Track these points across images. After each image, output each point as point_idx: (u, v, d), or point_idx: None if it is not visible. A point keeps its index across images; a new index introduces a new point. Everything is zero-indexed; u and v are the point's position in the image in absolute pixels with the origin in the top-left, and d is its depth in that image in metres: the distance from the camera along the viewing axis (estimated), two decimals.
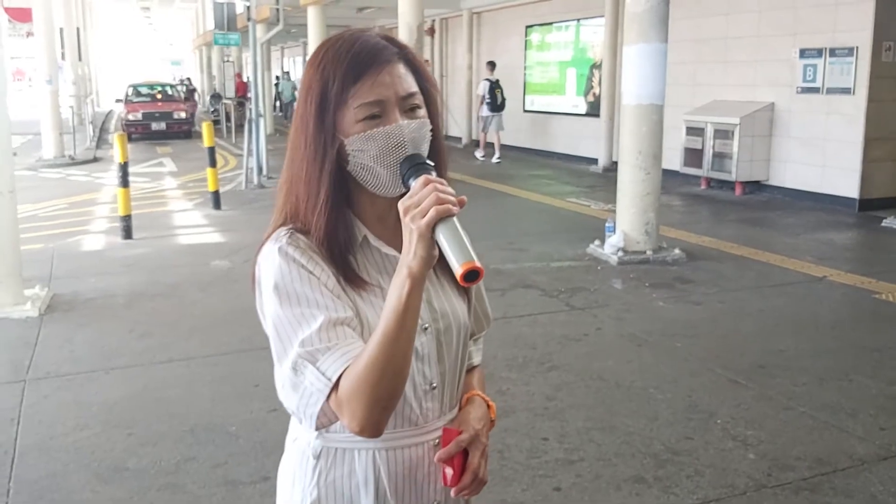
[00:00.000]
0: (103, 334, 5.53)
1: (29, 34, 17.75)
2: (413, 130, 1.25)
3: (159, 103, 22.48)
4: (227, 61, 27.60)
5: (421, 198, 1.12)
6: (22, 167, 14.28)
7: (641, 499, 3.37)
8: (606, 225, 7.84)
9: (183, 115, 21.87)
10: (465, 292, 1.42)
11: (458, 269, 1.13)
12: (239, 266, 7.42)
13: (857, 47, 9.87)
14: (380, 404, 1.17)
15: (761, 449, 3.81)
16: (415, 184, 1.17)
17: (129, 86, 24.45)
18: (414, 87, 1.28)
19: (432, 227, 1.12)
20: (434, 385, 1.35)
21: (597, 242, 7.77)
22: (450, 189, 1.15)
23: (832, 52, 10.23)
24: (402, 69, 1.27)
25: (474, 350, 1.57)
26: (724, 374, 4.72)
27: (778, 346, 5.21)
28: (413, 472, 1.35)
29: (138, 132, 21.09)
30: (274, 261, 1.25)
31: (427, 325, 1.33)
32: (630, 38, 7.62)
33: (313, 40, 18.57)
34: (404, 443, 1.33)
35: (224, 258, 7.74)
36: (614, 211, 8.06)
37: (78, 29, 26.53)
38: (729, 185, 11.49)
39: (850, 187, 10.11)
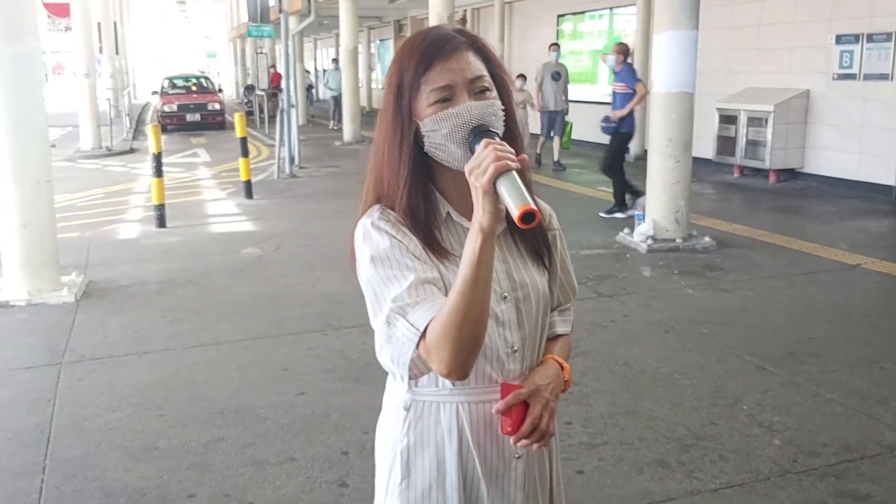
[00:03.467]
0: (136, 320, 5.64)
1: (67, 28, 18.03)
2: (480, 109, 1.37)
3: (194, 95, 22.89)
4: (261, 53, 27.81)
5: (482, 158, 1.24)
6: (61, 158, 14.56)
7: (664, 483, 3.37)
8: (636, 213, 7.80)
9: (217, 106, 22.21)
10: (545, 266, 1.53)
11: (515, 213, 1.21)
12: (269, 254, 7.52)
13: (894, 32, 9.67)
14: (464, 348, 1.28)
15: (787, 435, 3.78)
16: (477, 147, 1.29)
17: (165, 78, 25.01)
18: (481, 72, 1.39)
19: (493, 182, 1.23)
20: (515, 349, 1.46)
21: (626, 230, 7.74)
22: (508, 147, 1.26)
23: (869, 38, 10.05)
24: (470, 56, 1.39)
25: (559, 320, 1.63)
26: (751, 361, 4.69)
27: (808, 333, 5.16)
28: (493, 425, 1.45)
29: (173, 123, 21.48)
30: (368, 232, 1.40)
31: (507, 294, 1.44)
32: (660, 25, 7.56)
33: (345, 31, 18.65)
34: (485, 398, 1.44)
35: (255, 246, 7.84)
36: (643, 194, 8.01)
37: (115, 23, 26.88)
38: (762, 173, 11.36)
39: (887, 175, 9.94)
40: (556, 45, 13.53)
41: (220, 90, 27.26)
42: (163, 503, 3.30)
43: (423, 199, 1.42)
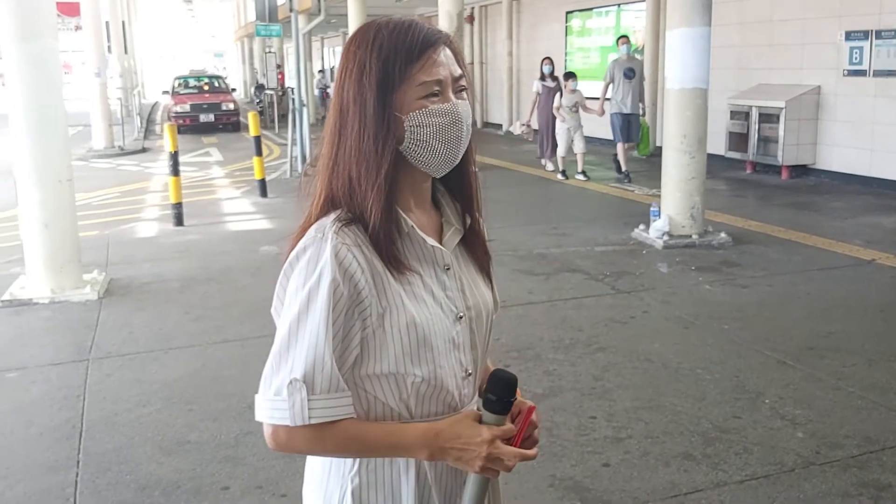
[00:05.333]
0: (160, 317, 5.71)
1: (77, 28, 18.13)
2: (465, 109, 1.33)
3: (207, 95, 22.10)
4: (269, 52, 27.85)
5: (481, 451, 1.26)
6: (74, 157, 14.58)
7: (690, 475, 3.42)
8: (651, 209, 7.84)
9: (231, 106, 21.49)
10: (490, 278, 1.48)
11: None
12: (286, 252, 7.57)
13: None
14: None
15: (810, 428, 3.83)
16: (489, 417, 1.30)
17: (176, 77, 24.10)
18: (461, 71, 1.34)
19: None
20: (469, 372, 1.39)
21: (641, 227, 7.77)
22: (508, 451, 1.29)
23: (878, 35, 10.06)
24: (449, 52, 1.33)
25: None
26: (772, 356, 4.73)
27: (827, 328, 5.20)
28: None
29: (186, 124, 20.46)
30: (318, 260, 1.26)
31: (462, 315, 1.37)
32: (673, 21, 7.60)
33: (353, 30, 18.67)
34: None
35: (272, 244, 7.88)
36: (659, 195, 8.06)
37: (123, 22, 27.00)
38: (775, 169, 11.37)
39: None
40: (625, 38, 11.67)
41: (234, 90, 26.59)
42: (197, 495, 3.36)
43: (392, 204, 1.31)
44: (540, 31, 18.45)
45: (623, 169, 11.23)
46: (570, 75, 11.61)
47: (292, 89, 14.19)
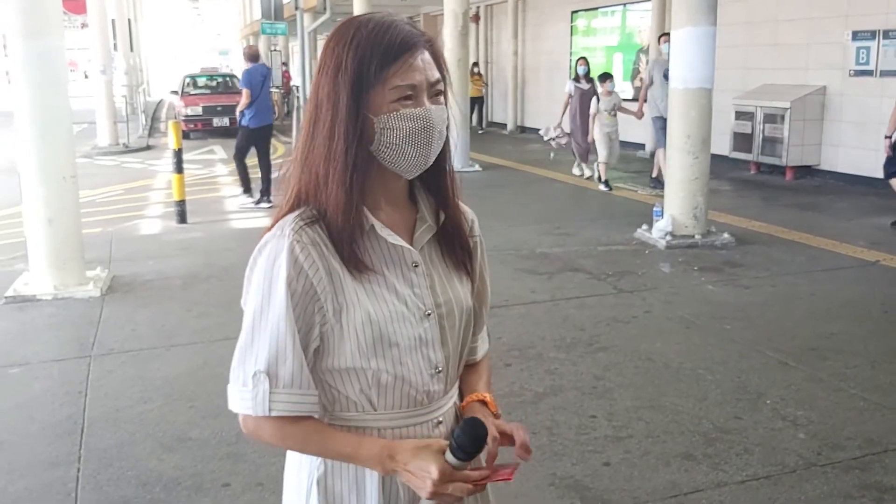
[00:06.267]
0: (162, 313, 5.72)
1: (84, 25, 18.16)
2: (439, 115, 1.33)
3: (221, 96, 19.55)
4: (274, 50, 27.89)
5: (426, 486, 1.27)
6: (78, 155, 14.55)
7: (690, 475, 3.42)
8: (654, 209, 7.83)
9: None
10: (467, 274, 1.48)
11: None
12: None
13: None
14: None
15: (811, 429, 3.82)
16: (453, 459, 1.29)
17: (186, 76, 21.99)
18: (439, 75, 1.34)
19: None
20: (439, 369, 1.40)
21: (644, 227, 7.76)
22: (457, 487, 1.28)
23: (886, 34, 10.03)
24: (428, 57, 1.33)
25: (480, 343, 1.58)
26: (774, 357, 4.72)
27: (829, 329, 5.19)
28: None
29: (198, 129, 18.49)
30: (275, 256, 1.30)
31: (430, 312, 1.38)
32: (678, 21, 7.59)
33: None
34: (409, 422, 1.39)
35: None
36: (662, 196, 8.04)
37: (129, 20, 27.05)
38: (779, 169, 11.35)
39: None
40: (667, 36, 10.14)
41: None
42: (198, 492, 3.36)
43: (358, 204, 1.32)
44: (545, 30, 18.43)
45: (654, 174, 10.63)
46: (606, 76, 10.89)
47: (297, 87, 14.21)
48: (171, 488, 3.39)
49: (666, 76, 9.79)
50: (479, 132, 19.23)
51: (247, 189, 10.08)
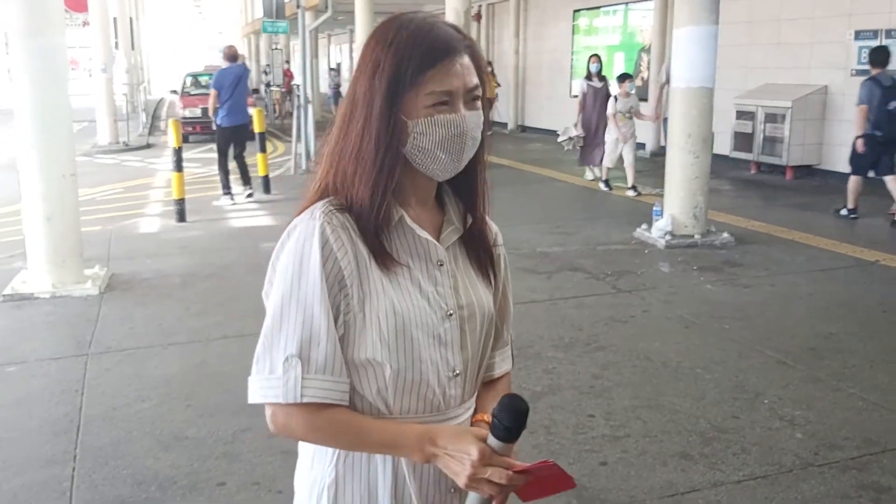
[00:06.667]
0: (160, 312, 5.71)
1: (85, 24, 18.15)
2: (474, 121, 1.32)
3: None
4: (276, 49, 27.88)
5: (465, 468, 1.22)
6: (78, 153, 14.54)
7: (687, 474, 3.41)
8: (654, 209, 7.82)
9: (251, 110, 17.49)
10: (490, 282, 1.46)
11: None
12: None
13: None
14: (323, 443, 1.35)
15: (809, 428, 3.81)
16: (494, 442, 1.23)
17: (187, 75, 20.78)
18: (477, 81, 1.32)
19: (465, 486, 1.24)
20: (457, 372, 1.37)
21: (644, 226, 7.75)
22: (496, 472, 1.21)
23: (888, 34, 10.00)
24: (468, 61, 1.31)
25: (498, 359, 1.52)
26: (772, 356, 4.71)
27: (828, 329, 5.18)
28: None
29: (197, 132, 17.00)
30: (305, 237, 1.28)
31: (452, 312, 1.36)
32: (680, 20, 7.58)
33: (360, 27, 18.65)
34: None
35: (274, 241, 7.84)
36: (662, 195, 8.03)
37: (131, 18, 27.05)
38: (780, 169, 11.33)
39: None
40: None
41: (256, 91, 22.88)
42: (193, 491, 3.36)
43: (387, 201, 1.31)
44: (547, 29, 18.41)
45: None
46: (625, 77, 10.43)
47: (297, 86, 14.20)
48: (166, 487, 3.38)
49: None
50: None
51: (226, 190, 10.12)
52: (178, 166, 8.79)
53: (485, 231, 1.45)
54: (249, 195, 10.18)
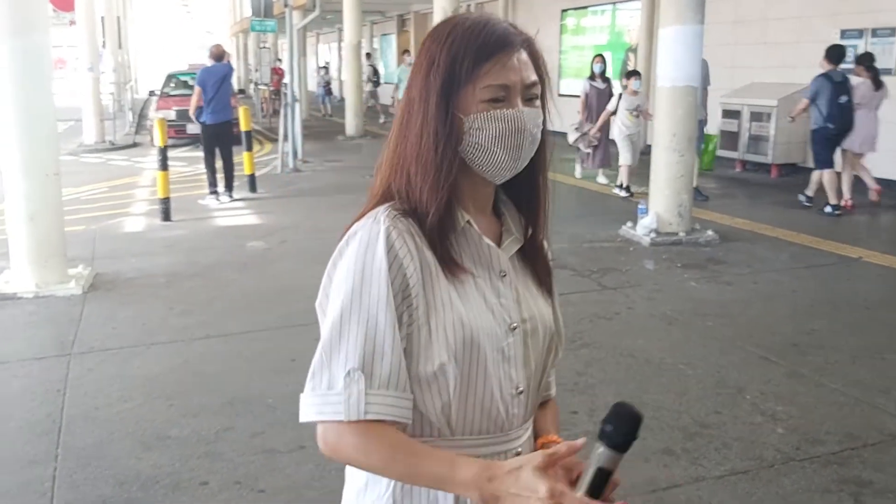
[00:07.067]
0: (144, 311, 5.69)
1: (72, 23, 18.05)
2: (532, 119, 1.26)
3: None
4: (264, 48, 27.83)
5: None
6: (64, 152, 14.54)
7: (670, 470, 3.42)
8: (639, 207, 7.84)
9: (237, 109, 15.22)
10: (550, 296, 1.39)
11: None
12: (275, 247, 7.57)
13: None
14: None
15: (790, 424, 3.83)
16: (547, 483, 1.08)
17: (168, 75, 19.84)
18: (536, 77, 1.28)
19: None
20: (521, 389, 1.29)
21: (629, 224, 7.77)
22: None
23: (874, 33, 10.07)
24: (525, 57, 1.27)
25: (552, 380, 1.48)
26: (755, 352, 4.73)
27: (811, 325, 5.21)
28: None
29: (170, 136, 15.49)
30: (369, 243, 1.21)
31: (515, 325, 1.28)
32: (666, 20, 7.60)
33: (348, 26, 18.67)
34: (489, 450, 1.27)
35: (260, 239, 7.88)
36: (647, 193, 8.06)
37: (118, 17, 26.92)
38: (765, 167, 11.38)
39: (890, 169, 9.95)
40: None
41: (242, 91, 21.25)
42: (175, 491, 3.34)
43: (450, 203, 1.26)
44: (535, 28, 18.38)
45: (694, 184, 8.97)
46: (633, 73, 10.18)
47: (285, 84, 14.17)
48: (148, 487, 3.37)
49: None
50: None
51: (212, 189, 10.13)
52: (164, 165, 8.75)
53: (543, 243, 1.39)
54: (226, 199, 10.10)
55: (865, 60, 8.97)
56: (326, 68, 28.88)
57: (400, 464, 1.17)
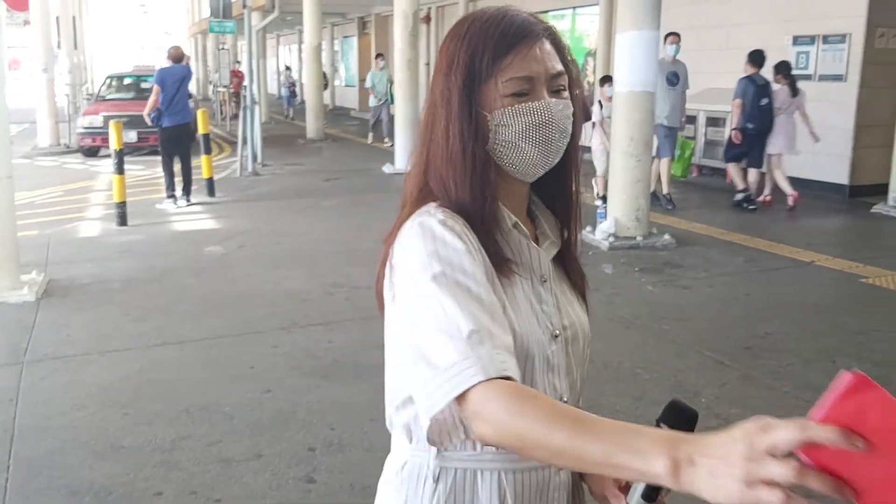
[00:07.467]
0: (99, 318, 5.60)
1: (26, 23, 17.70)
2: (560, 110, 1.20)
3: (139, 103, 13.29)
4: (223, 49, 27.56)
5: (760, 468, 0.78)
6: (18, 155, 14.27)
7: None
8: (598, 211, 7.92)
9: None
10: (585, 302, 1.33)
11: None
12: (233, 252, 7.50)
13: (849, 34, 9.93)
14: (516, 445, 0.98)
15: None
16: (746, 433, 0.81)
17: (108, 76, 18.32)
18: (561, 67, 1.22)
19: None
20: (565, 399, 1.22)
21: (588, 228, 7.84)
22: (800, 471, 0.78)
23: (825, 39, 10.29)
24: (549, 47, 1.21)
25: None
26: (710, 356, 4.81)
27: (765, 328, 5.30)
28: (541, 496, 1.22)
29: (94, 145, 14.66)
30: (431, 230, 1.12)
31: (558, 333, 1.23)
32: (623, 25, 7.69)
33: (308, 27, 18.58)
34: (531, 465, 1.19)
35: (218, 244, 7.81)
36: (605, 198, 8.14)
37: (74, 18, 26.46)
38: (721, 172, 11.54)
39: (840, 174, 10.19)
40: (675, 36, 9.56)
41: (190, 96, 21.64)
42: (129, 501, 3.30)
43: (494, 202, 1.20)
44: None
45: (665, 191, 9.50)
46: (606, 79, 9.50)
47: (245, 87, 14.05)
48: (101, 497, 3.32)
49: (669, 81, 9.41)
50: None
51: (170, 192, 10.00)
52: (120, 169, 8.63)
53: (576, 247, 1.34)
54: (184, 203, 9.99)
55: (783, 69, 9.52)
56: (290, 69, 28.70)
57: (563, 434, 0.91)
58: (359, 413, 4.02)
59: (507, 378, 0.98)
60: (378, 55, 17.02)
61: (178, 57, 10.24)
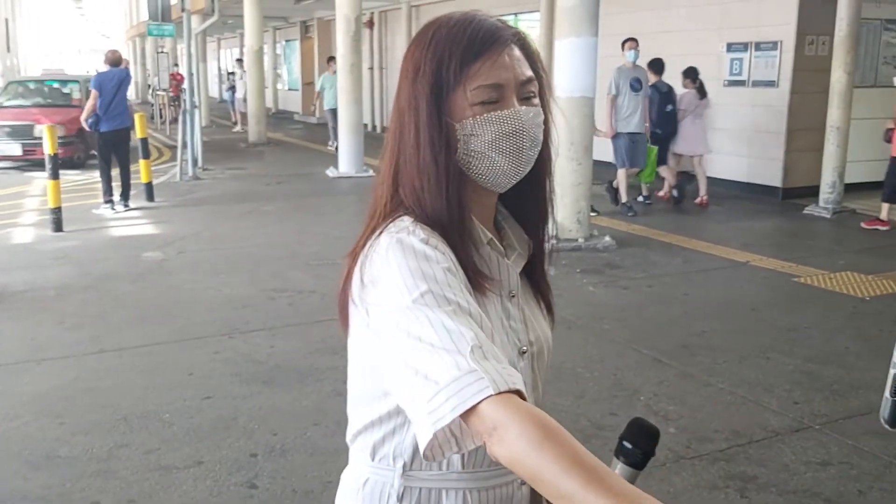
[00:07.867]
0: (33, 327, 5.46)
1: None
2: (531, 118, 1.16)
3: (34, 111, 14.15)
4: (162, 52, 27.12)
5: None
6: None
7: None
8: None
9: (62, 131, 12.11)
10: (550, 313, 1.31)
11: None
12: (172, 258, 7.38)
13: (780, 41, 10.23)
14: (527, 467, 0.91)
15: (681, 423, 3.98)
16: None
17: (11, 83, 17.18)
18: (531, 73, 1.18)
19: None
20: None
21: None
22: None
23: (757, 46, 10.58)
24: (518, 53, 1.17)
25: None
26: (648, 354, 4.90)
27: (701, 327, 5.42)
28: None
29: None
30: (411, 249, 1.07)
31: (525, 349, 1.20)
32: (561, 32, 7.79)
33: (249, 31, 18.39)
34: (495, 482, 1.19)
35: (156, 250, 7.68)
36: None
37: (6, 20, 25.76)
38: (659, 175, 11.76)
39: (773, 177, 10.48)
40: (633, 42, 9.48)
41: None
42: None
43: (467, 215, 1.16)
44: None
45: (623, 199, 9.41)
46: None
47: (184, 90, 13.85)
48: None
49: (632, 87, 9.27)
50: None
51: (107, 198, 9.80)
52: (54, 174, 8.42)
53: (543, 258, 1.29)
54: (121, 208, 9.82)
55: (691, 74, 10.07)
56: (233, 74, 28.33)
57: (582, 474, 0.87)
58: (302, 418, 4.00)
59: (517, 391, 0.94)
60: (330, 58, 16.90)
61: (115, 61, 10.06)
